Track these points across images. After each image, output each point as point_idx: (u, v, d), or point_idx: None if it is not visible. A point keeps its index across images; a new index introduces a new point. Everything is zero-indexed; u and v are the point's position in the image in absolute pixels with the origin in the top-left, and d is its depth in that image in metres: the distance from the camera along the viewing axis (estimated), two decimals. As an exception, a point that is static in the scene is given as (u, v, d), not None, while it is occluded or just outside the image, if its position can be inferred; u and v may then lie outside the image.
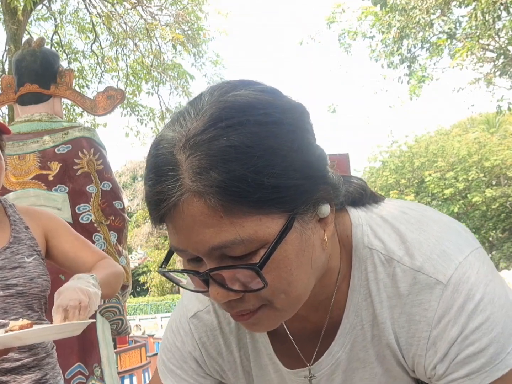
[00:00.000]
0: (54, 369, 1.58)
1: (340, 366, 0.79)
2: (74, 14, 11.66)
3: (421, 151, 23.91)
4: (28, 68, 3.53)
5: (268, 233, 0.60)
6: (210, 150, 0.58)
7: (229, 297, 0.63)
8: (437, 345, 0.69)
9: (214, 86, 0.65)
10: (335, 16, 13.64)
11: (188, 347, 0.86)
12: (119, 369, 7.57)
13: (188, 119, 0.62)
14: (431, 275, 0.69)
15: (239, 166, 0.57)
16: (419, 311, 0.70)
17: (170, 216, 0.61)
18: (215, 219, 0.59)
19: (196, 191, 0.58)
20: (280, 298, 0.64)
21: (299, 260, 0.63)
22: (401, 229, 0.74)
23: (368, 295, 0.74)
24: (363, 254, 0.74)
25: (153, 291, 35.36)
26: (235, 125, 0.59)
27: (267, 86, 0.66)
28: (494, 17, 9.94)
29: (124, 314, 3.28)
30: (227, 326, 0.84)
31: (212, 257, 0.62)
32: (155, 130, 11.56)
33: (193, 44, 11.27)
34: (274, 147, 0.59)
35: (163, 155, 0.61)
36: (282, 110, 0.63)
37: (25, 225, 1.62)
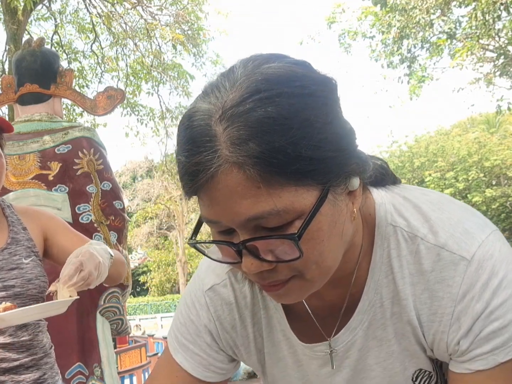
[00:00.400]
0: (52, 368, 1.58)
1: (356, 343, 0.79)
2: (74, 14, 11.66)
3: (421, 151, 23.91)
4: (28, 68, 3.53)
5: (304, 204, 0.61)
6: (248, 121, 0.58)
7: (263, 268, 0.64)
8: (461, 320, 0.70)
9: (246, 59, 0.65)
10: (335, 16, 13.64)
11: (203, 320, 0.86)
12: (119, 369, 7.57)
13: (223, 91, 0.61)
14: (455, 251, 0.70)
15: (277, 137, 0.58)
16: (443, 287, 0.71)
17: (207, 187, 0.61)
18: (252, 190, 0.59)
19: (235, 161, 0.59)
20: (311, 269, 0.65)
21: (331, 231, 0.64)
22: (423, 208, 0.75)
23: (389, 272, 0.75)
24: (386, 232, 0.75)
25: (153, 291, 35.36)
26: (272, 96, 0.59)
27: (298, 59, 0.66)
28: (494, 17, 9.94)
29: (124, 314, 3.28)
30: (243, 301, 0.85)
31: (247, 228, 0.62)
32: (155, 130, 11.57)
33: (193, 44, 11.28)
34: (310, 119, 0.60)
35: (199, 127, 0.61)
36: (316, 83, 0.63)
37: (23, 226, 1.61)
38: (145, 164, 31.91)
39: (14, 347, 1.47)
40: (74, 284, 1.34)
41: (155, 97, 11.58)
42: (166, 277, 35.42)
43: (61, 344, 2.86)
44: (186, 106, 11.79)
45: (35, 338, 1.52)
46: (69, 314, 3.14)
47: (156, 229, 35.82)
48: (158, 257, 35.11)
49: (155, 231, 35.78)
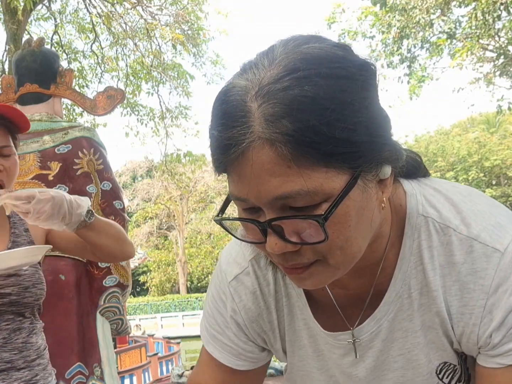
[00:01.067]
0: (45, 370, 1.57)
1: (380, 334, 0.79)
2: (74, 14, 11.66)
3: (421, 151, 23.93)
4: (28, 68, 3.53)
5: (333, 187, 0.60)
6: (284, 99, 0.58)
7: (287, 249, 0.63)
8: (493, 313, 0.70)
9: (286, 39, 0.64)
10: (335, 16, 13.63)
11: (229, 311, 0.87)
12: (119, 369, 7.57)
13: (261, 68, 0.61)
14: (488, 243, 0.70)
15: (312, 116, 0.57)
16: (474, 279, 0.70)
17: (237, 163, 0.61)
18: (282, 168, 0.58)
19: (267, 138, 0.58)
20: (335, 254, 0.64)
21: (359, 217, 0.63)
22: (454, 199, 0.75)
23: (419, 263, 0.74)
24: (417, 222, 0.74)
25: (153, 291, 35.37)
26: (310, 76, 0.58)
27: (339, 42, 0.65)
28: (494, 17, 9.93)
29: (124, 314, 3.28)
30: (266, 288, 0.85)
31: (274, 207, 0.61)
32: (155, 130, 11.57)
33: (193, 44, 11.27)
34: (347, 102, 0.59)
35: (234, 101, 0.60)
36: (356, 66, 0.62)
37: (25, 227, 1.61)
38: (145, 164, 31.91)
39: (7, 349, 1.46)
40: (17, 197, 1.32)
41: (155, 97, 11.59)
42: (166, 277, 35.43)
43: (61, 344, 2.86)
44: (186, 106, 11.81)
45: (29, 340, 1.52)
46: (69, 314, 3.15)
47: (156, 229, 35.82)
48: (158, 257, 35.12)
49: (155, 231, 35.79)
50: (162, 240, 36.86)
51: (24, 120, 1.53)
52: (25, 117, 1.53)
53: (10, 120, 1.50)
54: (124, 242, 1.61)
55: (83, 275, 3.11)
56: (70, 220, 1.40)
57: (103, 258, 1.63)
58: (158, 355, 9.47)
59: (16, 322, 1.48)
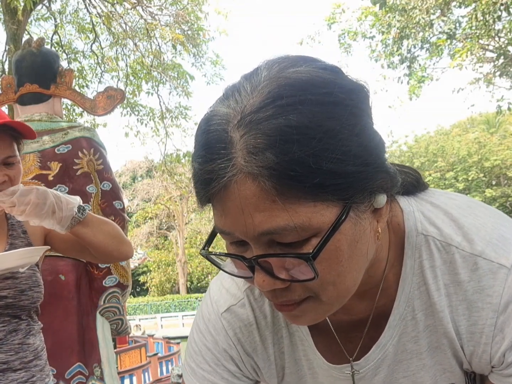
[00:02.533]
0: (43, 371, 1.56)
1: (386, 359, 0.76)
2: (74, 14, 11.66)
3: (421, 151, 23.94)
4: (28, 68, 3.53)
5: (322, 221, 0.56)
6: (267, 129, 0.54)
7: (275, 286, 0.60)
8: (504, 331, 0.67)
9: (272, 60, 0.61)
10: (335, 17, 13.63)
11: (222, 345, 0.80)
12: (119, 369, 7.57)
13: (244, 95, 0.58)
14: (493, 259, 0.67)
15: (297, 148, 0.53)
16: (482, 297, 0.68)
17: (219, 197, 0.58)
18: (267, 203, 0.55)
19: (250, 172, 0.55)
20: (327, 290, 0.61)
21: (352, 251, 0.60)
22: (454, 214, 0.71)
23: (422, 283, 0.71)
24: (417, 242, 0.71)
25: (153, 291, 35.36)
26: (295, 103, 0.55)
27: (328, 64, 0.61)
28: (494, 18, 9.93)
29: (124, 314, 3.28)
30: (263, 321, 0.79)
31: (260, 243, 0.58)
32: (155, 130, 11.57)
33: (193, 44, 11.27)
34: (335, 130, 0.55)
35: (215, 132, 0.57)
36: (344, 91, 0.58)
37: (23, 229, 1.60)
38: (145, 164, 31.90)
39: (3, 350, 1.46)
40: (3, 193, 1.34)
41: (155, 97, 11.59)
42: (166, 277, 35.42)
43: (61, 344, 2.86)
44: (186, 106, 11.82)
45: (26, 341, 1.51)
46: (69, 314, 3.15)
47: (156, 229, 35.82)
48: (158, 257, 35.11)
49: (155, 231, 35.78)
50: (162, 240, 36.85)
51: (28, 129, 1.52)
52: (30, 128, 1.53)
53: (15, 129, 1.50)
54: (121, 241, 1.60)
55: (83, 275, 3.11)
56: (61, 215, 1.40)
57: (100, 258, 1.62)
58: (158, 355, 9.47)
59: (13, 324, 1.48)
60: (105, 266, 3.16)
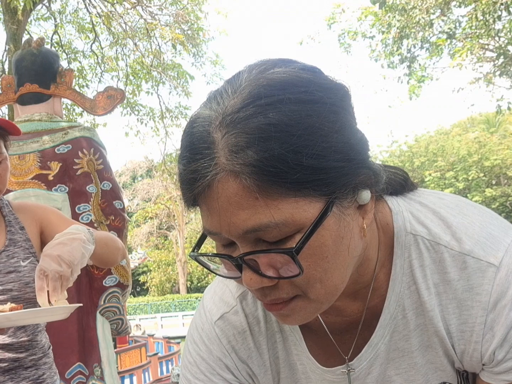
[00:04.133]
0: (51, 368, 1.59)
1: (378, 358, 0.76)
2: (74, 14, 11.66)
3: (421, 151, 23.94)
4: (28, 68, 3.53)
5: (305, 217, 0.57)
6: (247, 128, 0.56)
7: (263, 284, 0.61)
8: (494, 329, 0.67)
9: (253, 64, 0.63)
10: (335, 16, 13.62)
11: (216, 354, 0.80)
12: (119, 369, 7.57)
13: (225, 97, 0.59)
14: (482, 258, 0.68)
15: (277, 145, 0.55)
16: (471, 296, 0.68)
17: (204, 197, 0.59)
18: (250, 201, 0.56)
19: (232, 170, 0.56)
20: (315, 288, 0.61)
21: (337, 247, 0.61)
22: (442, 213, 0.72)
23: (412, 283, 0.72)
24: (406, 241, 0.72)
25: (153, 291, 35.37)
26: (274, 102, 0.56)
27: (307, 64, 0.63)
28: (494, 18, 9.93)
29: (124, 314, 3.28)
30: (257, 327, 0.79)
31: (246, 241, 0.59)
32: (155, 129, 11.57)
33: (193, 44, 11.28)
34: (314, 127, 0.56)
35: (198, 133, 0.59)
36: (323, 89, 0.60)
37: (20, 225, 1.61)
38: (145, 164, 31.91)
39: (13, 348, 1.47)
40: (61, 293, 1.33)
41: (155, 96, 11.59)
42: (166, 277, 35.43)
43: (61, 344, 2.86)
44: (186, 106, 11.82)
45: (34, 338, 1.53)
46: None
47: (156, 229, 35.82)
48: (158, 257, 35.12)
49: (155, 231, 35.79)
50: (162, 240, 36.86)
51: (12, 125, 1.53)
52: (14, 124, 1.54)
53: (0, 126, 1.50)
54: (121, 253, 1.62)
55: (83, 275, 3.11)
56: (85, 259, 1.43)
57: (96, 265, 1.64)
58: (158, 355, 9.47)
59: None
60: (105, 266, 3.16)
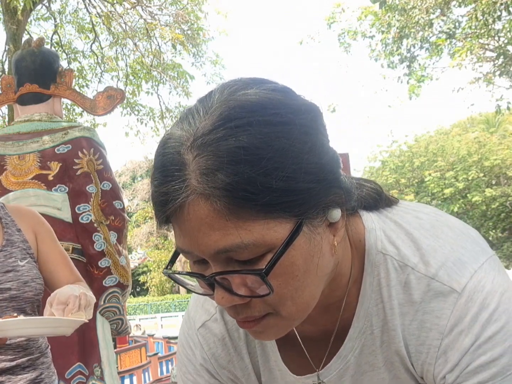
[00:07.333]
0: (49, 368, 1.58)
1: (349, 370, 0.77)
2: (73, 14, 11.65)
3: (421, 151, 23.93)
4: (28, 68, 3.53)
5: (276, 238, 0.58)
6: (218, 150, 0.56)
7: (234, 302, 0.62)
8: (447, 354, 0.68)
9: (225, 84, 0.63)
10: (335, 16, 13.62)
11: (199, 359, 0.84)
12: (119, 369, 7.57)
13: (197, 118, 0.60)
14: (446, 283, 0.68)
15: (247, 168, 0.55)
16: (431, 318, 0.69)
17: (176, 218, 0.60)
18: (221, 222, 0.57)
19: (202, 193, 0.57)
20: (286, 306, 0.63)
21: (307, 266, 0.61)
22: (415, 235, 0.72)
23: (379, 301, 0.73)
24: (376, 260, 0.72)
25: (153, 291, 35.36)
26: (244, 125, 0.57)
27: (278, 85, 0.63)
28: (494, 17, 9.93)
29: (124, 314, 3.28)
30: (236, 332, 0.82)
31: (218, 260, 0.60)
32: (155, 129, 11.56)
33: (193, 44, 11.27)
34: (284, 149, 0.57)
35: (170, 154, 0.59)
36: (293, 111, 0.60)
37: (17, 227, 1.61)
38: (145, 164, 31.91)
39: (11, 347, 1.47)
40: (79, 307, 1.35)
41: (155, 96, 11.57)
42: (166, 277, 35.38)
43: (61, 344, 2.85)
44: (186, 106, 11.80)
45: (32, 338, 1.52)
46: (69, 314, 3.15)
47: (156, 229, 35.82)
48: (158, 257, 35.10)
49: (155, 231, 35.77)
50: (162, 240, 36.85)
51: None
52: None
53: None
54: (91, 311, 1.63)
55: (83, 275, 3.10)
56: None
57: None
58: (158, 355, 9.47)
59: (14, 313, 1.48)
60: (105, 266, 3.16)
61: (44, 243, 1.64)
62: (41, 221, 1.69)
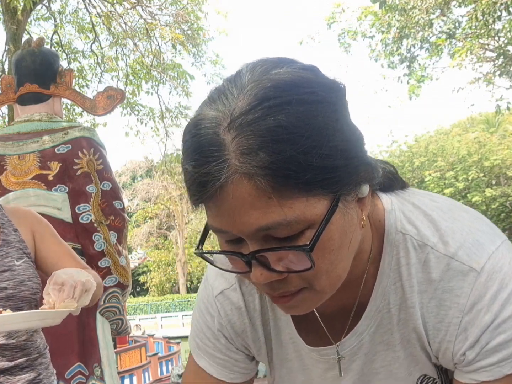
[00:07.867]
0: (48, 369, 1.58)
1: (362, 348, 0.79)
2: (73, 14, 11.65)
3: (421, 151, 23.92)
4: (28, 68, 3.53)
5: (316, 214, 0.60)
6: (258, 130, 0.57)
7: (272, 278, 0.63)
8: (468, 331, 0.70)
9: (253, 63, 0.63)
10: (335, 16, 13.62)
11: (216, 324, 0.86)
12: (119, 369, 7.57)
13: (230, 98, 0.60)
14: (465, 262, 0.70)
15: (288, 146, 0.56)
16: (450, 297, 0.71)
17: (216, 198, 0.60)
18: (263, 200, 0.58)
19: (245, 172, 0.57)
20: (321, 279, 0.64)
21: (342, 240, 0.64)
22: (433, 216, 0.75)
23: (398, 279, 0.75)
24: (395, 239, 0.74)
25: (153, 291, 35.37)
26: (281, 104, 0.57)
27: (306, 64, 0.64)
28: (494, 17, 9.93)
29: (124, 314, 3.28)
30: (252, 303, 0.84)
31: (256, 238, 0.61)
32: (155, 129, 11.57)
33: (193, 44, 11.27)
34: (320, 127, 0.58)
35: (206, 135, 0.59)
36: (325, 89, 0.61)
37: (13, 227, 1.60)
38: (145, 164, 31.92)
39: (9, 348, 1.46)
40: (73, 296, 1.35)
41: (155, 96, 11.58)
42: (166, 277, 35.43)
43: (61, 344, 2.86)
44: (186, 106, 11.81)
45: (30, 338, 1.52)
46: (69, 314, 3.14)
47: (156, 229, 35.81)
48: (158, 257, 35.11)
49: (155, 231, 35.78)
50: (162, 240, 36.85)
51: None
52: None
53: None
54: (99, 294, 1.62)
55: (83, 275, 3.11)
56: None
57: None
58: (158, 355, 9.48)
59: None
60: (105, 266, 3.16)
61: (44, 239, 1.64)
62: (38, 220, 1.68)
